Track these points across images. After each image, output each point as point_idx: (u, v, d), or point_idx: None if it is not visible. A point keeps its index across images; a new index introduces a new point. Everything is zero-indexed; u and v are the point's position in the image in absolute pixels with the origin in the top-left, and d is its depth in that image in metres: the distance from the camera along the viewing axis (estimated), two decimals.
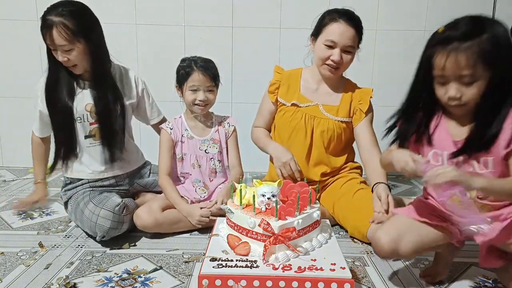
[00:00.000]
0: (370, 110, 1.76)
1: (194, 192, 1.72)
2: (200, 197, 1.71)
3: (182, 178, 1.75)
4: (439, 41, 1.07)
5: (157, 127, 1.83)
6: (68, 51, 1.50)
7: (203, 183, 1.73)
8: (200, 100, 1.65)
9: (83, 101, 1.62)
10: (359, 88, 1.80)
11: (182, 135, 1.72)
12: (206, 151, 1.73)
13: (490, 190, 1.07)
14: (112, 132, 1.66)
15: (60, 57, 1.51)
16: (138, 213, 1.57)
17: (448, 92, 1.08)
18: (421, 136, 1.19)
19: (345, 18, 1.63)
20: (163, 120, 1.87)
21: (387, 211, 1.47)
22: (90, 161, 1.68)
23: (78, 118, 1.62)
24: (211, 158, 1.73)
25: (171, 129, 1.72)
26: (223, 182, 1.76)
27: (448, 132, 1.17)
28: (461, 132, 1.14)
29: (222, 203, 1.60)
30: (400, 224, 1.23)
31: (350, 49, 1.65)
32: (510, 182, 1.08)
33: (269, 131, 1.88)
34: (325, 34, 1.65)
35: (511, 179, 1.08)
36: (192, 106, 1.68)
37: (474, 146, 1.10)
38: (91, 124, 1.64)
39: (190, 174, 1.73)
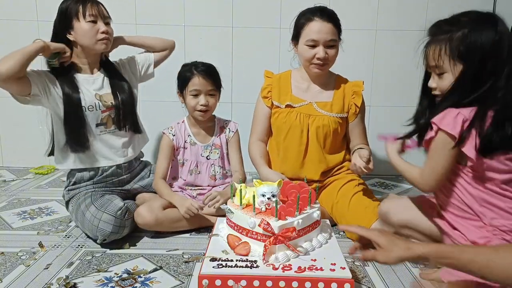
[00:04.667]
0: (363, 104, 1.78)
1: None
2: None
3: (173, 181, 1.76)
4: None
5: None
6: (108, 24, 1.65)
7: (195, 186, 1.74)
8: (201, 105, 1.65)
9: (90, 90, 1.64)
10: (350, 82, 1.80)
11: (185, 141, 1.73)
12: (208, 157, 1.73)
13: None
14: (131, 113, 1.73)
15: (102, 27, 1.61)
16: (139, 211, 1.57)
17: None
18: None
19: (319, 14, 1.65)
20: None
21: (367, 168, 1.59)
22: (103, 149, 1.68)
23: (90, 107, 1.63)
24: (212, 164, 1.74)
25: (173, 135, 1.72)
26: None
27: None
28: None
29: (215, 201, 1.59)
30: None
31: (332, 43, 1.67)
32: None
33: (268, 136, 1.87)
34: (304, 35, 1.67)
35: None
36: (193, 112, 1.69)
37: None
38: (103, 112, 1.66)
39: (184, 180, 1.73)
